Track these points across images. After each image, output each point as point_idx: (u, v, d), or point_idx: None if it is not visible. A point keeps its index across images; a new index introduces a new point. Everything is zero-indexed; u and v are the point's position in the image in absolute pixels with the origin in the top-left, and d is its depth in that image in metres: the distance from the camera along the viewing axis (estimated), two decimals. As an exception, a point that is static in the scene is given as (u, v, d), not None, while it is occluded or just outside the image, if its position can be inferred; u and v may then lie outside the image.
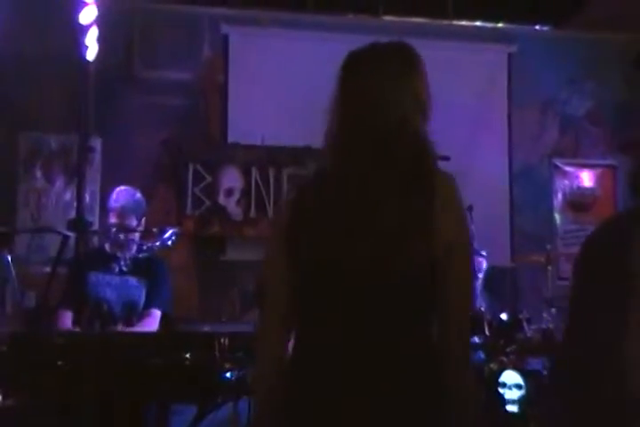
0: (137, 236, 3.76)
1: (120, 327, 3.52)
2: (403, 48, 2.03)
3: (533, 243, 6.03)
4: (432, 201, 1.81)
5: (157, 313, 3.68)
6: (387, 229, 1.80)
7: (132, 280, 3.64)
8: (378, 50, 2.02)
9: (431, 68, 7.37)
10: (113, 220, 3.74)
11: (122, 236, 3.69)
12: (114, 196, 3.82)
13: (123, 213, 3.72)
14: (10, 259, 3.52)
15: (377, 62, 1.97)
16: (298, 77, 6.04)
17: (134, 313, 3.60)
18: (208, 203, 5.86)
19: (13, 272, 3.52)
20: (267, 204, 5.92)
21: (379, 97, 1.92)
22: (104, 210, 4.04)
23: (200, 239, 5.81)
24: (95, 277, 3.64)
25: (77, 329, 3.53)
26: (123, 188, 3.93)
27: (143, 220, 3.82)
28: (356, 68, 1.98)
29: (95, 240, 3.94)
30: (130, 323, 3.57)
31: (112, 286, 3.62)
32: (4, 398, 2.95)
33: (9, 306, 3.65)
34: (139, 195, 3.84)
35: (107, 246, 3.79)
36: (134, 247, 3.73)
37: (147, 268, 3.71)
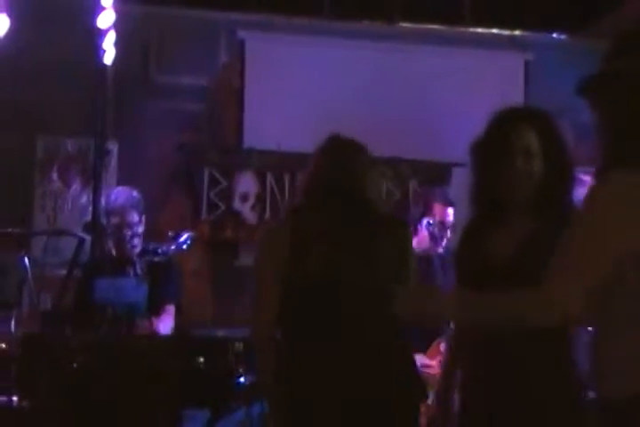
0: (140, 230, 3.77)
1: (142, 324, 3.53)
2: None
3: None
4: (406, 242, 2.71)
5: (171, 308, 3.70)
6: (380, 258, 2.57)
7: (131, 281, 3.64)
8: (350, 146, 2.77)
9: (447, 75, 7.39)
10: (115, 220, 3.75)
11: (127, 233, 3.70)
12: (112, 196, 3.84)
13: (124, 211, 3.74)
14: (27, 261, 3.54)
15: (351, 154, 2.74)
16: (314, 83, 6.05)
17: (136, 314, 3.60)
18: (223, 208, 5.87)
19: (30, 274, 3.54)
20: (281, 209, 5.92)
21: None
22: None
23: (214, 244, 5.82)
24: (103, 281, 3.65)
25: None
26: (119, 188, 3.95)
27: (143, 217, 3.83)
28: (340, 159, 2.71)
29: (110, 244, 3.95)
30: (132, 324, 3.57)
31: (115, 289, 3.63)
32: (19, 399, 2.96)
33: (25, 308, 3.66)
34: (136, 192, 3.85)
35: (113, 251, 3.80)
36: (139, 243, 3.73)
37: (160, 270, 3.73)
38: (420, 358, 3.78)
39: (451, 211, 3.98)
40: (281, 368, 2.56)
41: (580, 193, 2.04)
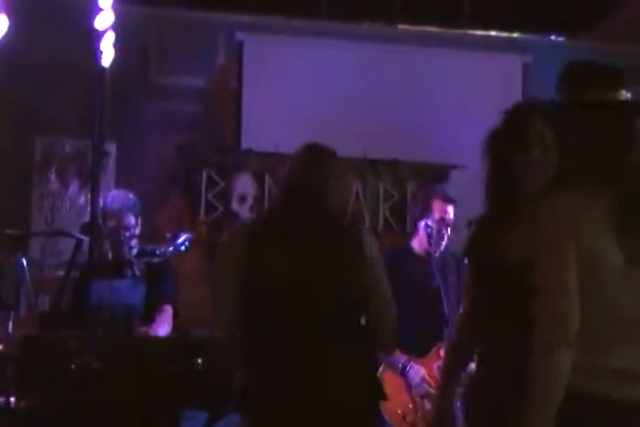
0: (137, 233, 3.79)
1: (141, 327, 3.53)
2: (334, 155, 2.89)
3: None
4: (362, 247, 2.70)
5: (169, 309, 3.72)
6: (337, 259, 2.66)
7: (127, 283, 3.64)
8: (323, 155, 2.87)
9: (446, 77, 7.37)
10: (112, 223, 3.77)
11: (123, 235, 3.71)
12: (109, 199, 3.86)
13: (120, 213, 3.77)
14: (24, 262, 3.53)
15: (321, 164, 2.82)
16: (312, 85, 6.05)
17: (132, 315, 3.60)
18: (221, 209, 5.87)
19: (28, 275, 3.53)
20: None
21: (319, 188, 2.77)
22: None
23: (212, 245, 5.81)
24: (100, 283, 3.64)
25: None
26: (115, 191, 3.97)
27: (139, 219, 3.85)
28: (311, 165, 2.81)
29: (107, 246, 3.95)
30: (129, 326, 3.57)
31: (111, 291, 3.63)
32: (17, 400, 2.95)
33: (23, 309, 3.66)
34: (132, 195, 3.88)
35: (109, 254, 3.81)
36: (136, 245, 3.74)
37: (155, 271, 3.73)
38: (420, 371, 3.73)
39: (451, 208, 3.93)
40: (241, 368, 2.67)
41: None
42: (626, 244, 1.90)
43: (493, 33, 6.51)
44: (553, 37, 6.57)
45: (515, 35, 6.52)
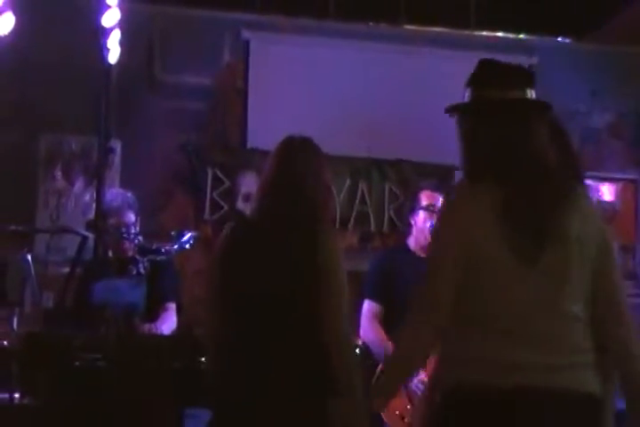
0: (137, 231, 3.82)
1: (145, 325, 3.53)
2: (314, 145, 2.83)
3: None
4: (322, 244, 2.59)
5: (173, 306, 3.73)
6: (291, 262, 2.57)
7: (128, 282, 3.64)
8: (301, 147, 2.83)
9: (452, 77, 7.37)
10: (112, 221, 3.80)
11: (125, 232, 3.74)
12: (108, 198, 3.91)
13: (121, 211, 3.82)
14: (29, 258, 3.54)
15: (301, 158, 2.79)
16: (318, 84, 6.05)
17: (134, 314, 3.60)
18: (226, 208, 5.87)
19: (33, 272, 3.54)
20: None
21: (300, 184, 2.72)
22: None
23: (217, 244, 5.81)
24: (101, 283, 3.65)
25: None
26: (114, 189, 4.02)
27: (139, 218, 3.89)
28: (286, 160, 2.79)
29: (109, 244, 3.96)
30: (131, 324, 3.58)
31: (112, 290, 3.63)
32: (21, 396, 2.96)
33: (27, 306, 3.66)
34: (130, 194, 3.93)
35: (110, 252, 3.82)
36: (136, 240, 3.76)
37: (158, 269, 3.74)
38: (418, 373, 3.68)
39: (440, 197, 3.96)
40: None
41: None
42: (512, 240, 1.98)
43: (500, 34, 6.51)
44: (560, 39, 6.57)
45: (521, 36, 6.51)
